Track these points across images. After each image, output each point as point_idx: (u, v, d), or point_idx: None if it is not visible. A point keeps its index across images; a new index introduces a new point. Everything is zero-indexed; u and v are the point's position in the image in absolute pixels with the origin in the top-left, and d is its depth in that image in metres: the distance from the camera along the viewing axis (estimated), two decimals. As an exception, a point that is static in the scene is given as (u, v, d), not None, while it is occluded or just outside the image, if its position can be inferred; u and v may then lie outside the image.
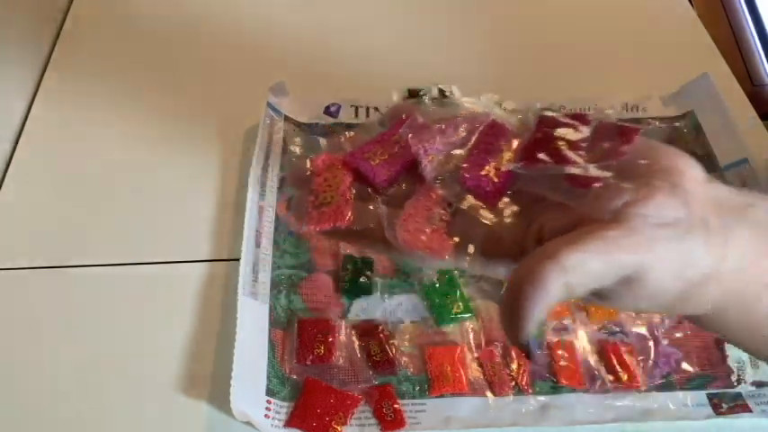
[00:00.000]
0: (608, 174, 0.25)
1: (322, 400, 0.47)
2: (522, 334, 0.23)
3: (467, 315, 0.52)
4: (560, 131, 0.27)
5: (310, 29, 0.76)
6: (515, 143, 0.28)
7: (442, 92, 0.68)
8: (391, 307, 0.53)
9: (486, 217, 0.27)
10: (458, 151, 0.28)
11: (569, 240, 0.23)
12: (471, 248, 0.27)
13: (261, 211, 0.57)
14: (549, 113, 0.28)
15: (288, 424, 0.46)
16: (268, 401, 0.47)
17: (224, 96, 0.68)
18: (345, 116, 0.66)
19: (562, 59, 0.73)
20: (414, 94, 0.68)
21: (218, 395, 0.47)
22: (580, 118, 0.27)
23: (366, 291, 0.54)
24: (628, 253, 0.23)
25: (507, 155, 0.27)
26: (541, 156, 0.26)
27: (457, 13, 0.79)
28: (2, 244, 0.56)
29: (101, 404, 0.48)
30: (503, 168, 0.27)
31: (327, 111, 0.66)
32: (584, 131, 0.26)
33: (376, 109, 0.67)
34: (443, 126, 0.29)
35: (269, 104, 0.63)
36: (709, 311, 0.25)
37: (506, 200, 0.27)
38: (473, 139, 0.28)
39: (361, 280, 0.54)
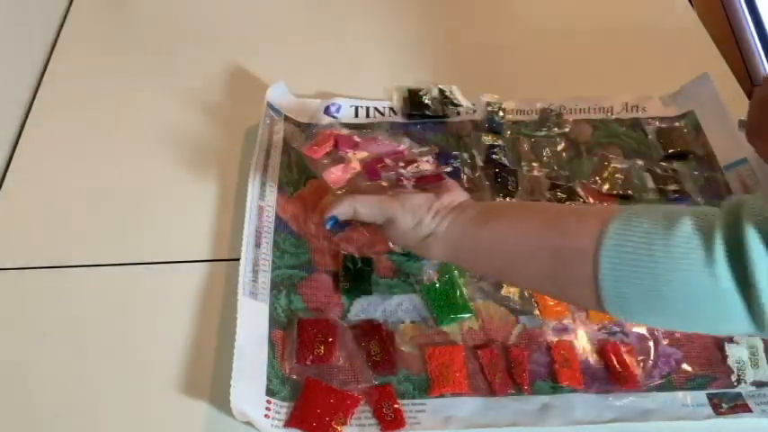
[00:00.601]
0: (412, 184, 0.52)
1: (322, 400, 0.47)
2: (324, 222, 0.49)
3: (467, 315, 0.52)
4: (421, 162, 0.54)
5: (311, 29, 0.76)
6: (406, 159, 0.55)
7: (441, 92, 0.68)
8: (391, 307, 0.53)
9: (364, 182, 0.53)
10: (373, 154, 0.56)
11: (366, 195, 0.49)
12: (344, 189, 0.53)
13: (261, 211, 0.57)
14: (427, 157, 0.55)
15: (288, 424, 0.46)
16: (268, 401, 0.47)
17: (224, 96, 0.68)
18: (345, 116, 0.66)
19: (562, 60, 0.73)
20: (414, 93, 0.68)
21: (218, 395, 0.47)
22: (437, 166, 0.55)
23: (366, 291, 0.54)
24: (388, 207, 0.47)
25: (395, 163, 0.54)
26: (400, 166, 0.54)
27: (457, 14, 0.79)
28: (2, 244, 0.56)
29: (101, 403, 0.48)
30: (386, 166, 0.54)
31: (327, 111, 0.66)
32: (432, 168, 0.54)
33: (376, 109, 0.67)
34: (380, 142, 0.57)
35: (269, 104, 0.63)
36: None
37: (381, 180, 0.53)
38: (388, 152, 0.56)
39: (361, 280, 0.54)
